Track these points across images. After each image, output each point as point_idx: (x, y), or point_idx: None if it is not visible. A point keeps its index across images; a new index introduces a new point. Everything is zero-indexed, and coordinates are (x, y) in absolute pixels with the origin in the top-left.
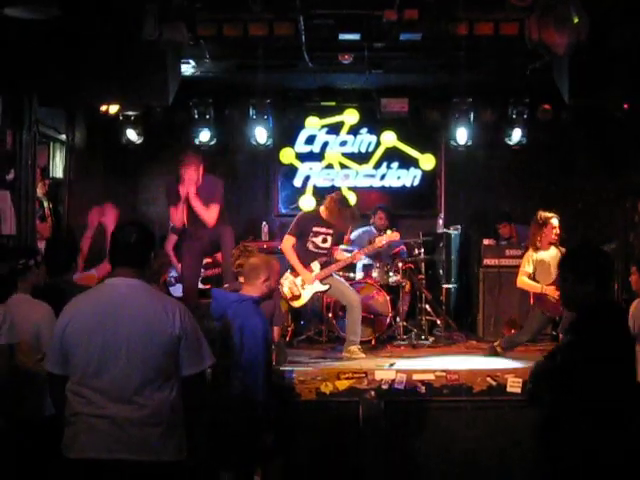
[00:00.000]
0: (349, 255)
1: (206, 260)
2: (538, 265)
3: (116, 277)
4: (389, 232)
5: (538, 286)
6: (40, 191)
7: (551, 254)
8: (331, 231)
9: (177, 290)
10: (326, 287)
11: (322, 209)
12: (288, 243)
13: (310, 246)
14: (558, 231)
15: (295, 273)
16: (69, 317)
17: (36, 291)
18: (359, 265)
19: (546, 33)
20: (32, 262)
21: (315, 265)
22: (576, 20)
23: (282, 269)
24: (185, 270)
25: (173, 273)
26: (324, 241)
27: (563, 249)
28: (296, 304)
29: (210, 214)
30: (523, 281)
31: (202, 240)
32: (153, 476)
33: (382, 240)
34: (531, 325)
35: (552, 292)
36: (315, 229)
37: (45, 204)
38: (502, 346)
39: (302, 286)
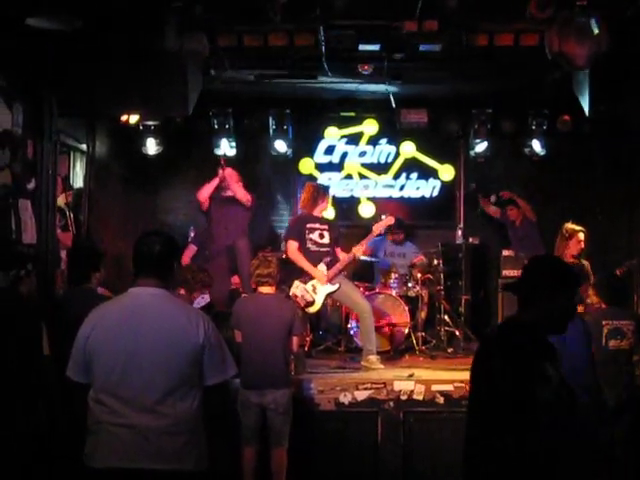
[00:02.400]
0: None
1: None
2: None
3: (139, 287)
4: (383, 217)
5: None
6: (62, 201)
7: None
8: (325, 226)
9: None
10: (336, 286)
11: (301, 204)
12: (292, 248)
13: (310, 245)
14: (583, 245)
15: (304, 279)
16: (92, 326)
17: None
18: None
19: (566, 44)
20: (23, 272)
21: (322, 267)
22: (596, 32)
23: (291, 279)
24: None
25: None
26: (321, 236)
27: (586, 262)
28: (312, 310)
29: (246, 194)
30: None
31: (229, 254)
32: None
33: (379, 227)
34: None
35: None
36: (309, 225)
37: (67, 214)
38: None
39: (314, 291)
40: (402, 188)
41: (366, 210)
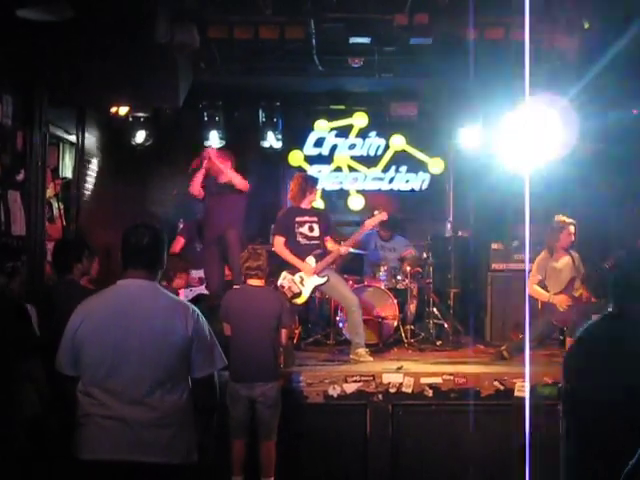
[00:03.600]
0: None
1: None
2: (549, 271)
3: (128, 279)
4: (376, 212)
5: (546, 295)
6: (50, 192)
7: (563, 261)
8: (315, 218)
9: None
10: (324, 279)
11: (289, 195)
12: (279, 242)
13: (300, 239)
14: (573, 238)
15: (292, 271)
16: (81, 318)
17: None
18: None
19: (557, 38)
20: (19, 263)
21: (310, 259)
22: (587, 26)
23: (280, 271)
24: (210, 275)
25: None
26: (311, 229)
27: (576, 254)
28: (298, 301)
29: (242, 179)
30: (533, 288)
31: (220, 244)
32: (163, 478)
33: (371, 222)
34: (536, 329)
35: (560, 302)
36: (298, 219)
37: (55, 205)
38: (509, 351)
39: (301, 282)
40: (391, 181)
41: (355, 203)
